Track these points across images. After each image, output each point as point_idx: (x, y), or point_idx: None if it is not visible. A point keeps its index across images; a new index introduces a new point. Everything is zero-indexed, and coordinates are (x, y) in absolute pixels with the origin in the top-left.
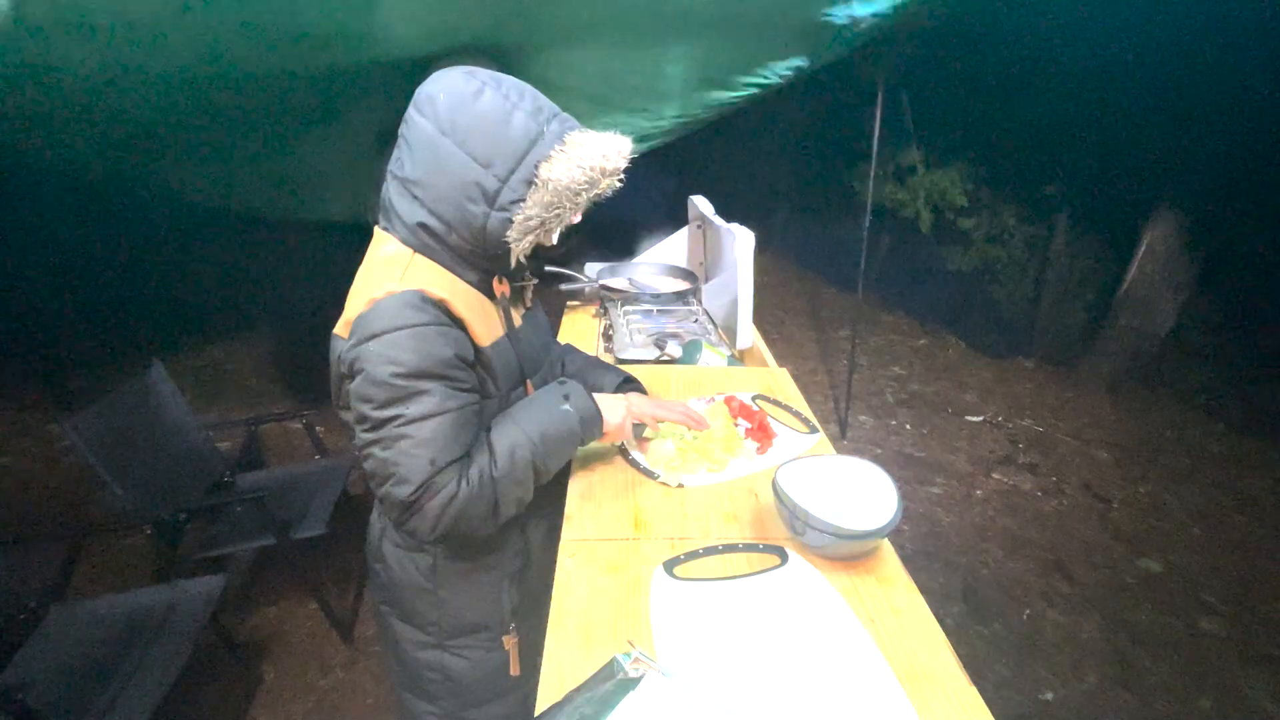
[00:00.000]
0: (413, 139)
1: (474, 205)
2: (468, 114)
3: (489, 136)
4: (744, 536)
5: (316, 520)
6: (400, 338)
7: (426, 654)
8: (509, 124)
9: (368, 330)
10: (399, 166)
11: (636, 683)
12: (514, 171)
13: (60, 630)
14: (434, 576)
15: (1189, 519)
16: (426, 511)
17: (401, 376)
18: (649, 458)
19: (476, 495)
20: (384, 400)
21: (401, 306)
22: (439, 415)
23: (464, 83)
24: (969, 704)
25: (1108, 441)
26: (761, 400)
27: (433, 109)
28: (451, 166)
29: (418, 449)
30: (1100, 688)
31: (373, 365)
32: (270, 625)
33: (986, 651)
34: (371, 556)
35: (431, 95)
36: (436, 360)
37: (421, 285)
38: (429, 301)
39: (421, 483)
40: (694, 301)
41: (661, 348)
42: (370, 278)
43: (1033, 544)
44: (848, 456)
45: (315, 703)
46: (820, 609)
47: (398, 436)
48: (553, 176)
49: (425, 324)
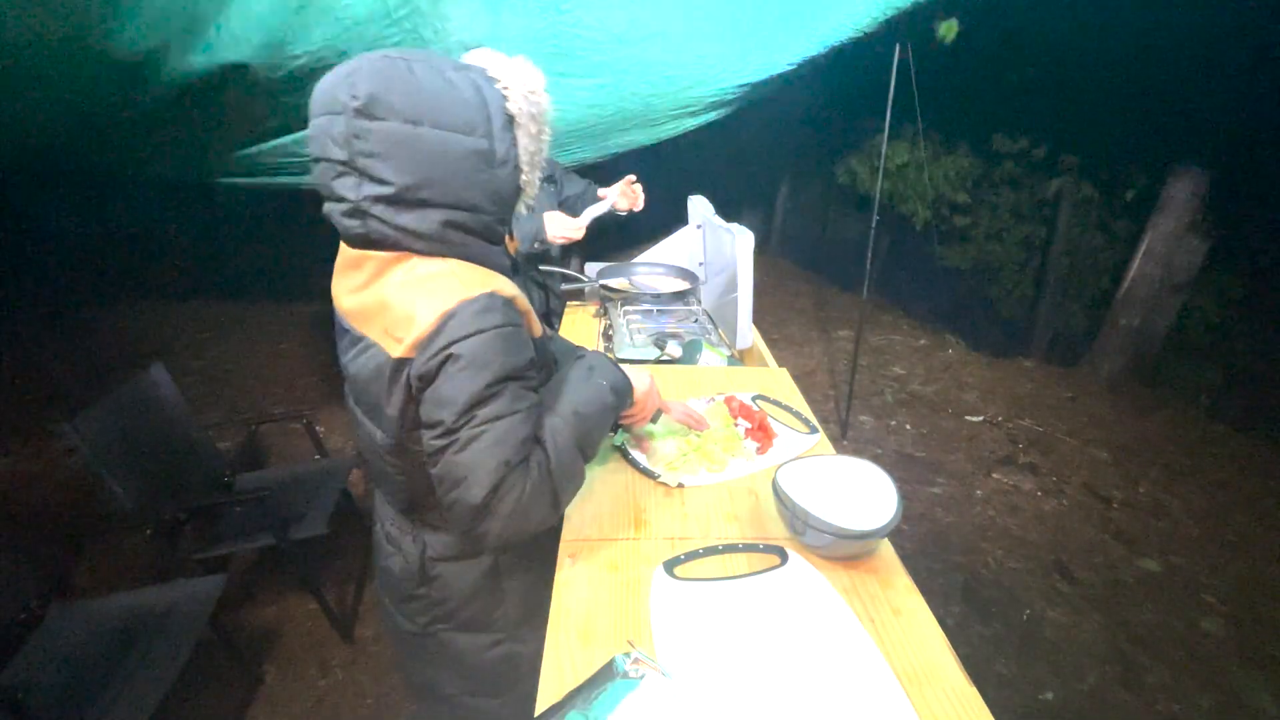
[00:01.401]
0: (383, 148)
1: (482, 174)
2: (422, 94)
3: (451, 105)
4: (744, 536)
5: (316, 520)
6: (485, 340)
7: (496, 652)
8: (454, 86)
9: (451, 338)
10: (377, 187)
11: (636, 683)
12: (491, 121)
13: (60, 630)
14: (495, 572)
15: (1189, 519)
16: (498, 513)
17: (488, 382)
18: (649, 458)
19: (539, 490)
20: (466, 404)
21: (480, 311)
22: (509, 416)
23: (394, 68)
24: (969, 704)
25: (1108, 441)
26: (761, 400)
27: (386, 106)
28: (445, 149)
29: (493, 448)
30: (1100, 688)
31: (458, 369)
32: (270, 625)
33: (986, 651)
34: (412, 584)
35: (374, 95)
36: (515, 362)
37: (490, 286)
38: (504, 301)
39: (493, 485)
40: (694, 301)
41: (661, 348)
42: (427, 294)
43: (1033, 544)
44: (848, 456)
45: (315, 703)
46: (820, 609)
47: (473, 437)
48: (520, 109)
49: (505, 325)
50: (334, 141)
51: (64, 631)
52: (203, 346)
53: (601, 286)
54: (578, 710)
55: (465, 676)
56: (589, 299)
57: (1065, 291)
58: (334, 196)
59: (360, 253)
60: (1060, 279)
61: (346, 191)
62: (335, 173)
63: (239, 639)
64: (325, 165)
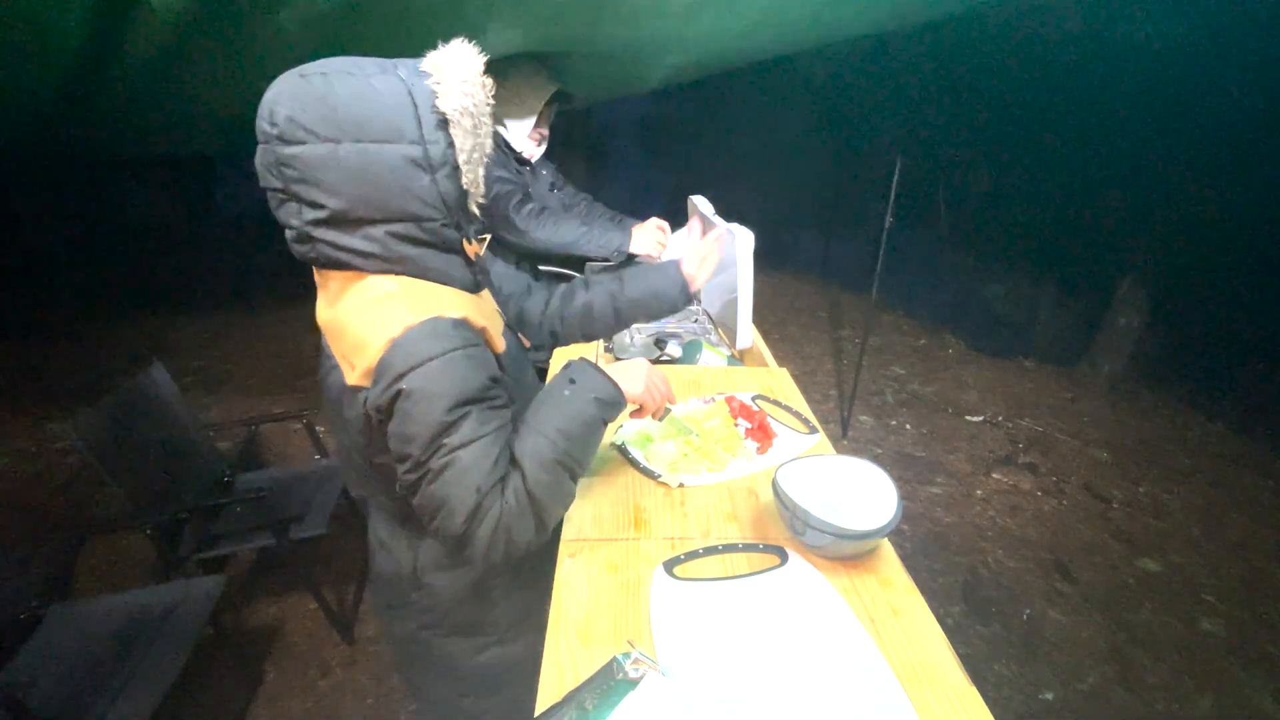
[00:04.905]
0: (309, 172)
1: (417, 181)
2: (339, 110)
3: (374, 115)
4: (744, 536)
5: (316, 520)
6: (434, 369)
7: (485, 655)
8: (376, 92)
9: (397, 370)
10: (312, 211)
11: (636, 683)
12: (421, 124)
13: (60, 630)
14: (485, 578)
15: (1189, 519)
16: (479, 539)
17: (446, 409)
18: (649, 458)
19: (519, 511)
20: (430, 435)
21: (426, 337)
22: (477, 440)
23: (307, 88)
24: (969, 704)
25: (1108, 441)
26: (761, 400)
27: (304, 129)
28: (369, 164)
29: (464, 476)
30: (1100, 688)
31: (412, 404)
32: (270, 625)
33: (986, 651)
34: (402, 590)
35: (291, 118)
36: (472, 385)
37: (435, 309)
38: (451, 323)
39: (469, 511)
40: (694, 301)
41: (661, 348)
42: (373, 319)
43: (1033, 544)
44: (848, 456)
45: (315, 703)
46: (820, 609)
47: (443, 467)
48: (454, 105)
49: (454, 349)
50: (269, 170)
51: (64, 631)
52: (203, 346)
53: None
54: (578, 710)
55: (456, 680)
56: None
57: (1065, 292)
58: (284, 224)
59: (323, 272)
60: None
61: (290, 218)
62: (278, 201)
63: (239, 639)
64: (269, 194)
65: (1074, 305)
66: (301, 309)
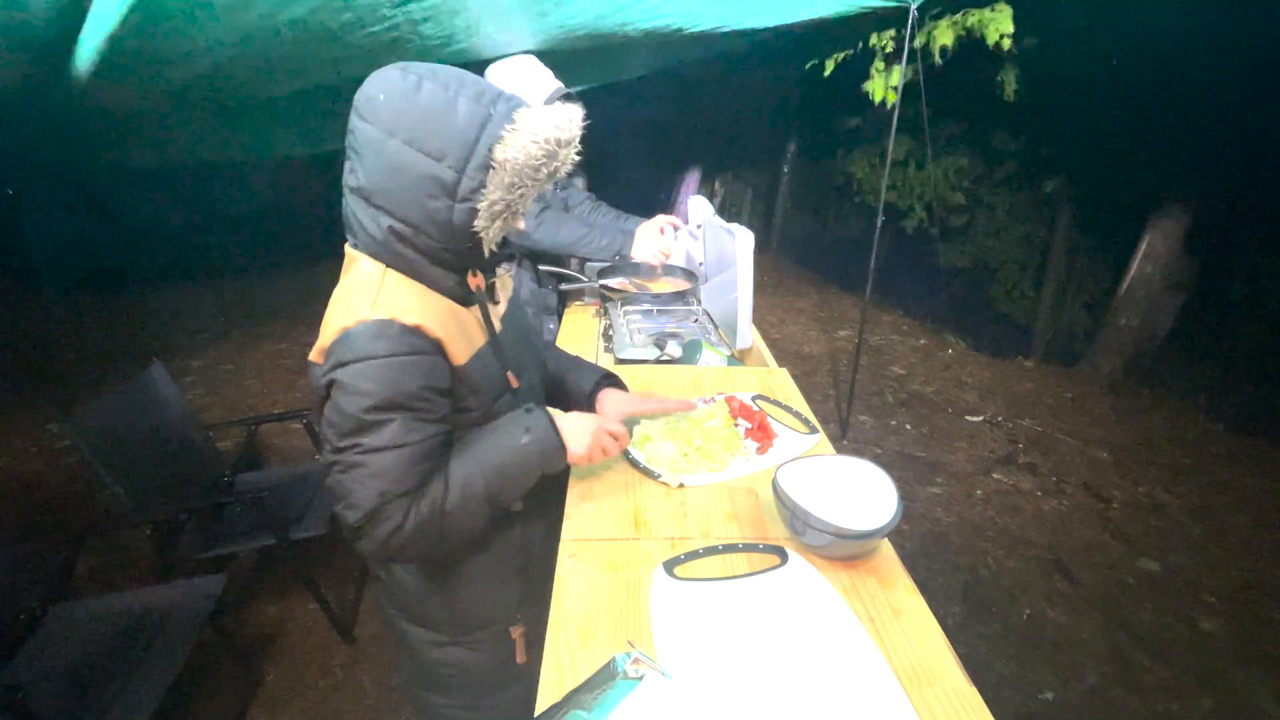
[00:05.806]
0: (361, 146)
1: (435, 201)
2: (410, 109)
3: (436, 128)
4: (744, 536)
5: (316, 520)
6: (368, 369)
7: (441, 652)
8: (454, 112)
9: (338, 359)
10: (353, 178)
11: (636, 683)
12: (468, 159)
13: (60, 630)
14: (440, 578)
15: (1189, 519)
16: (372, 538)
17: (366, 409)
18: (649, 458)
19: (425, 526)
20: (348, 429)
21: (371, 337)
22: (396, 448)
23: (401, 79)
24: (969, 704)
25: (1108, 441)
26: (761, 400)
27: (374, 111)
28: (404, 166)
29: (370, 479)
30: (1100, 688)
31: (340, 394)
32: (270, 625)
33: (986, 651)
34: (376, 567)
35: (370, 97)
36: (403, 392)
37: (393, 312)
38: (400, 329)
39: (369, 511)
40: (694, 301)
41: (661, 348)
42: (343, 303)
43: (1033, 544)
44: (848, 456)
45: (315, 703)
46: (820, 609)
47: (353, 464)
48: (508, 157)
49: (394, 354)
50: (349, 130)
51: (64, 631)
52: (203, 346)
53: (601, 286)
54: (578, 710)
55: (415, 668)
56: (589, 299)
57: (1065, 292)
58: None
59: (347, 247)
60: (1060, 279)
61: (347, 175)
62: (347, 156)
63: (239, 639)
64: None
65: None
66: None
